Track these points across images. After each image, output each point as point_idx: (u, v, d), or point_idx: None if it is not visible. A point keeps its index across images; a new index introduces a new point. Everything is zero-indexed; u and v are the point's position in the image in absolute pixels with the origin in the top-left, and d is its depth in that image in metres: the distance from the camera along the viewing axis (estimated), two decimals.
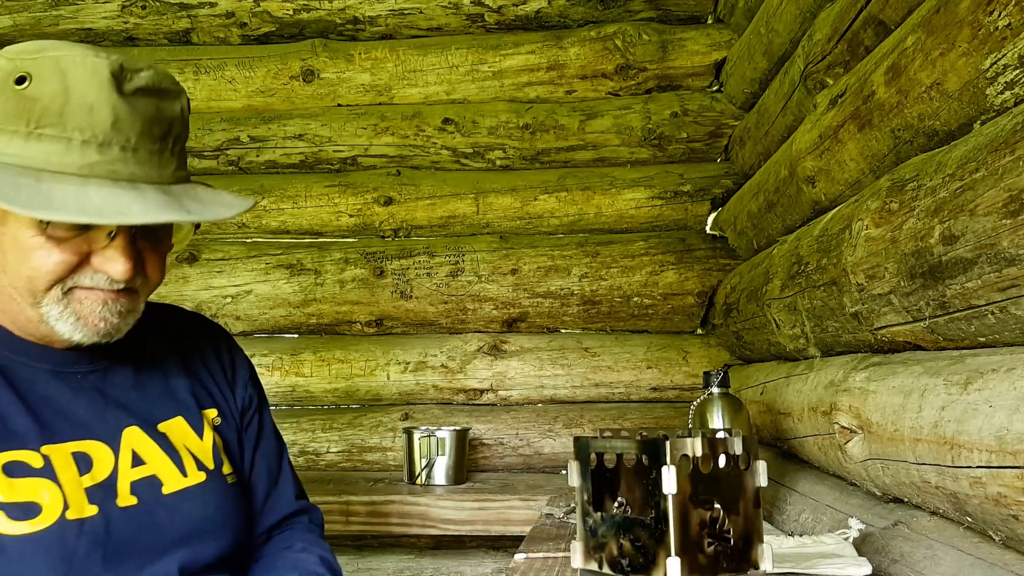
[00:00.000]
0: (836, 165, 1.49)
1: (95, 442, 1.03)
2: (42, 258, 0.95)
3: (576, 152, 2.67)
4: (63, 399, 1.03)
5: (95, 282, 0.98)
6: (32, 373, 1.03)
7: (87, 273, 0.98)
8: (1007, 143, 0.91)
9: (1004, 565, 0.95)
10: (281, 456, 1.32)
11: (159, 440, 1.09)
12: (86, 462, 1.01)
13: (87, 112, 0.92)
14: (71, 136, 0.92)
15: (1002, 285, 0.93)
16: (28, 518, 0.94)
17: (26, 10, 2.68)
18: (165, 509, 1.05)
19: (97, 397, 1.06)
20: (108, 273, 0.97)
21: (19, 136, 0.92)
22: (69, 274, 0.97)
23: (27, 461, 0.97)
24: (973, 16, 0.99)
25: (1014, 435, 0.87)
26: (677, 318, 2.60)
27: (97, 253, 0.97)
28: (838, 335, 1.48)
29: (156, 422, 1.10)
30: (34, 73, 0.92)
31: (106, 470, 1.02)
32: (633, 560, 0.92)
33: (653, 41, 2.62)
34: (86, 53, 0.94)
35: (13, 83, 0.92)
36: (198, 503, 1.09)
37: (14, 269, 0.97)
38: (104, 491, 1.01)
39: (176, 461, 1.09)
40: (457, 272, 2.62)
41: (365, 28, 2.72)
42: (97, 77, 0.93)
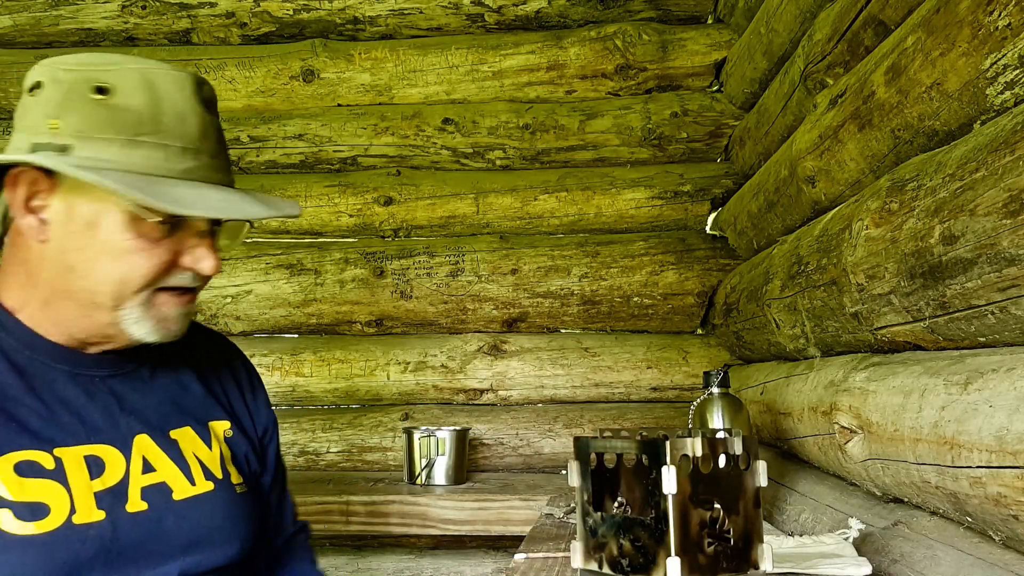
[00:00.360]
0: (836, 165, 1.49)
1: (107, 447, 1.04)
2: (140, 260, 0.99)
3: (576, 152, 2.67)
4: (79, 402, 1.04)
5: (180, 281, 1.03)
6: (51, 373, 1.04)
7: (175, 273, 1.02)
8: (1007, 143, 0.91)
9: (1004, 565, 0.95)
10: (286, 478, 1.36)
11: (169, 448, 1.10)
12: (98, 466, 1.02)
13: (180, 122, 0.99)
14: (168, 143, 0.98)
15: (1002, 285, 0.93)
16: (35, 519, 0.95)
17: (26, 10, 2.68)
18: (174, 515, 1.06)
19: (112, 402, 1.07)
20: (199, 270, 1.03)
21: (116, 144, 0.95)
22: (160, 276, 1.01)
23: (39, 461, 0.97)
24: (973, 16, 0.99)
25: (1014, 435, 0.87)
26: (677, 318, 2.60)
27: (187, 252, 1.02)
28: (838, 335, 1.48)
29: (167, 430, 1.11)
30: (116, 84, 0.97)
31: (117, 475, 1.03)
32: (633, 560, 0.92)
33: (653, 41, 2.62)
34: (162, 65, 1.01)
35: (92, 92, 0.96)
36: (207, 510, 1.10)
37: (103, 273, 0.99)
38: (114, 496, 1.01)
39: (184, 469, 1.10)
40: (457, 272, 2.62)
41: (365, 28, 2.72)
42: (184, 89, 1.01)
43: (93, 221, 0.98)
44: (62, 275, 1.00)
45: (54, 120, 0.96)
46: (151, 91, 0.98)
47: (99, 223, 0.98)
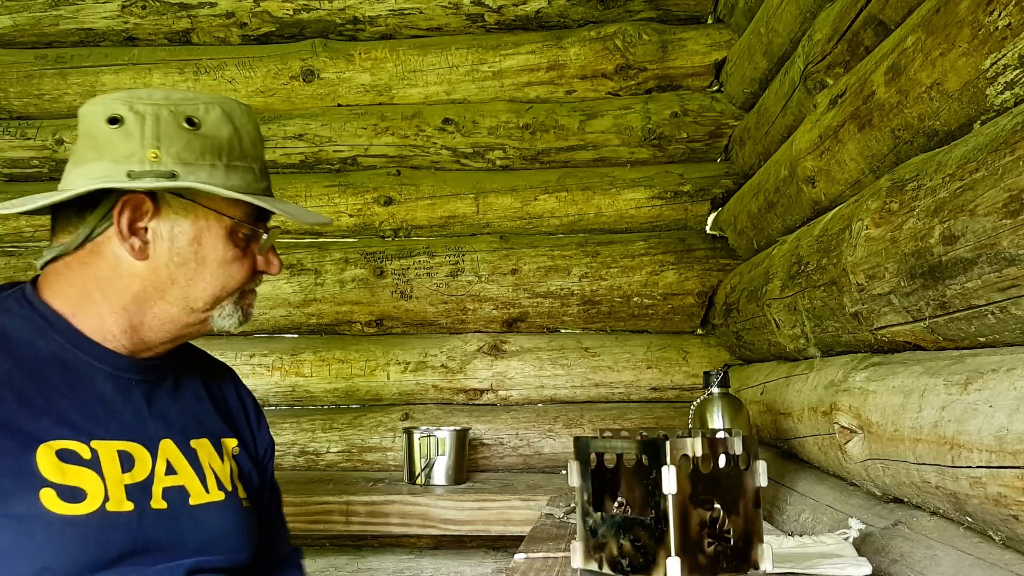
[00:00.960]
0: (836, 165, 1.49)
1: (137, 445, 1.12)
2: (239, 267, 1.18)
3: (576, 152, 2.67)
4: (115, 401, 1.13)
5: (256, 282, 1.22)
6: (92, 371, 1.13)
7: (254, 277, 1.21)
8: (1007, 143, 0.91)
9: (1004, 565, 0.95)
10: (280, 502, 1.44)
11: (190, 455, 1.19)
12: (129, 461, 1.10)
13: (253, 147, 1.19)
14: (252, 166, 1.17)
15: (1002, 285, 0.93)
16: (75, 502, 1.03)
17: (26, 10, 2.68)
18: (190, 518, 1.14)
19: (143, 405, 1.17)
20: (270, 272, 1.22)
21: (218, 169, 1.12)
22: (248, 280, 1.20)
23: (78, 451, 1.06)
24: (973, 16, 0.99)
25: (1014, 435, 0.87)
26: (677, 318, 2.60)
27: (260, 257, 1.21)
28: (838, 335, 1.48)
29: (189, 438, 1.20)
30: (202, 117, 1.13)
31: (144, 472, 1.12)
32: (633, 560, 0.92)
33: (653, 41, 2.62)
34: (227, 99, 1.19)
35: (184, 124, 1.12)
36: (218, 518, 1.18)
37: (205, 282, 1.16)
38: (141, 491, 1.10)
39: (201, 477, 1.19)
40: (457, 272, 2.62)
41: (365, 28, 2.72)
42: (252, 119, 1.20)
43: (197, 237, 1.14)
44: (159, 287, 1.14)
45: (153, 150, 1.09)
46: (231, 121, 1.15)
47: (202, 239, 1.14)
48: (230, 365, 1.43)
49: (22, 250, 2.68)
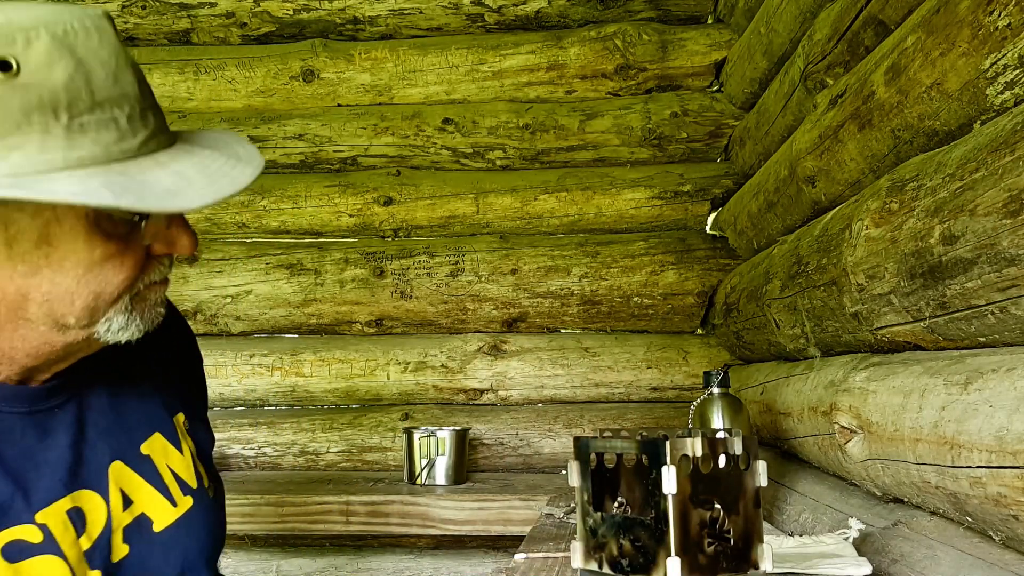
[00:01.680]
0: (836, 165, 1.49)
1: (85, 491, 0.91)
2: (117, 265, 0.83)
3: (576, 152, 2.67)
4: (42, 447, 0.90)
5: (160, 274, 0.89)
6: (7, 422, 0.88)
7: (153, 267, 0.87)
8: (1007, 143, 0.91)
9: (1004, 565, 0.95)
10: None
11: (143, 468, 0.97)
12: (81, 519, 0.89)
13: (113, 83, 0.77)
14: (115, 117, 0.77)
15: (1002, 285, 0.93)
16: None
17: None
18: (160, 549, 0.95)
19: (75, 432, 0.93)
20: (177, 252, 0.88)
21: (54, 135, 0.73)
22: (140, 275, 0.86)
23: (25, 537, 0.84)
24: (973, 16, 0.99)
25: (1014, 435, 0.87)
26: (677, 318, 2.60)
27: (158, 238, 0.86)
28: (838, 335, 1.48)
29: (138, 444, 0.98)
30: (19, 55, 0.72)
31: (99, 523, 0.91)
32: (633, 560, 0.91)
33: (653, 41, 2.62)
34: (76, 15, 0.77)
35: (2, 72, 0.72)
36: (192, 535, 0.99)
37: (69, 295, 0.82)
38: (100, 551, 0.90)
39: (163, 491, 0.98)
40: (457, 272, 2.62)
41: (365, 28, 2.72)
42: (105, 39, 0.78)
43: (43, 236, 0.79)
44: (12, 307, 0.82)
45: None
46: (70, 52, 0.74)
47: (52, 238, 0.79)
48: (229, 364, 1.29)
49: None
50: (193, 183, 0.79)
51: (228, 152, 0.86)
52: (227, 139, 0.90)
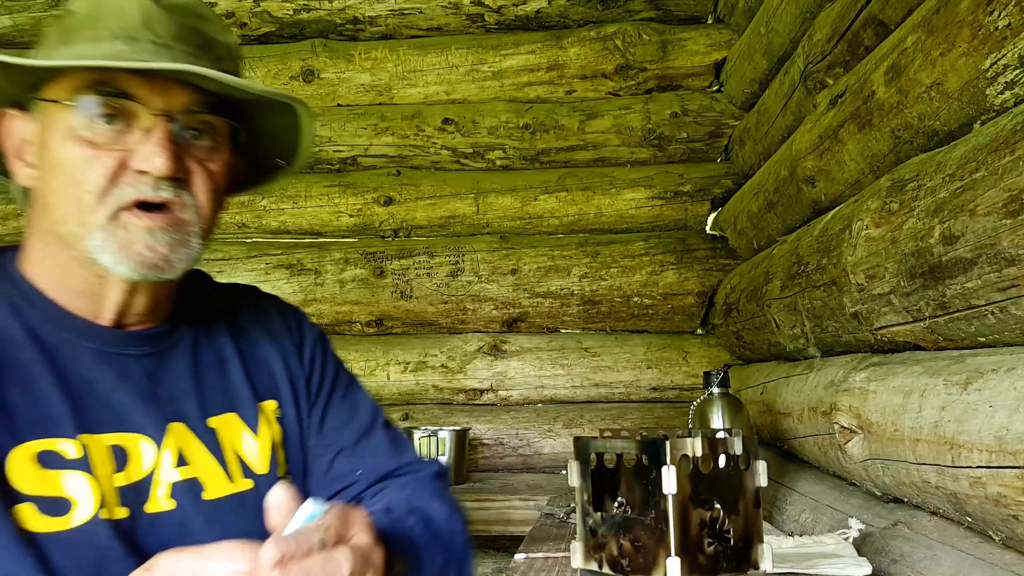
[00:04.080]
0: (836, 165, 1.49)
1: (136, 435, 0.94)
2: (84, 167, 0.89)
3: (576, 152, 2.67)
4: (107, 385, 0.94)
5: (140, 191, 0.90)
6: (78, 353, 0.94)
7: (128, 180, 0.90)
8: (1007, 143, 0.91)
9: (1004, 565, 0.95)
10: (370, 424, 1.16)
11: (207, 438, 1.00)
12: (123, 457, 0.92)
13: (117, 15, 0.91)
14: (100, 35, 0.90)
15: (1002, 285, 0.93)
16: (60, 514, 0.86)
17: (26, 10, 2.68)
18: (203, 517, 0.95)
19: (145, 386, 0.97)
20: (148, 169, 0.89)
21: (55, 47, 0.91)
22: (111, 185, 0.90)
23: (62, 451, 0.89)
24: (973, 16, 0.99)
25: (1014, 435, 0.87)
26: (677, 318, 2.60)
27: (136, 154, 0.90)
28: (838, 335, 1.48)
29: (206, 417, 1.01)
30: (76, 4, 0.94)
31: (142, 469, 0.94)
32: (633, 560, 0.91)
33: (653, 41, 2.62)
34: None
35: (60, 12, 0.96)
36: (240, 514, 0.98)
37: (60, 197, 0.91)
38: (137, 492, 0.92)
39: (222, 463, 0.99)
40: (457, 272, 2.62)
41: (365, 28, 2.72)
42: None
43: (45, 143, 0.92)
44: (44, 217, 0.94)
45: None
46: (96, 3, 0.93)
47: (48, 144, 0.91)
48: None
49: None
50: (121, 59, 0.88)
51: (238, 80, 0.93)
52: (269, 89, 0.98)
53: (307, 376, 1.13)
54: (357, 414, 1.15)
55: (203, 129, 0.95)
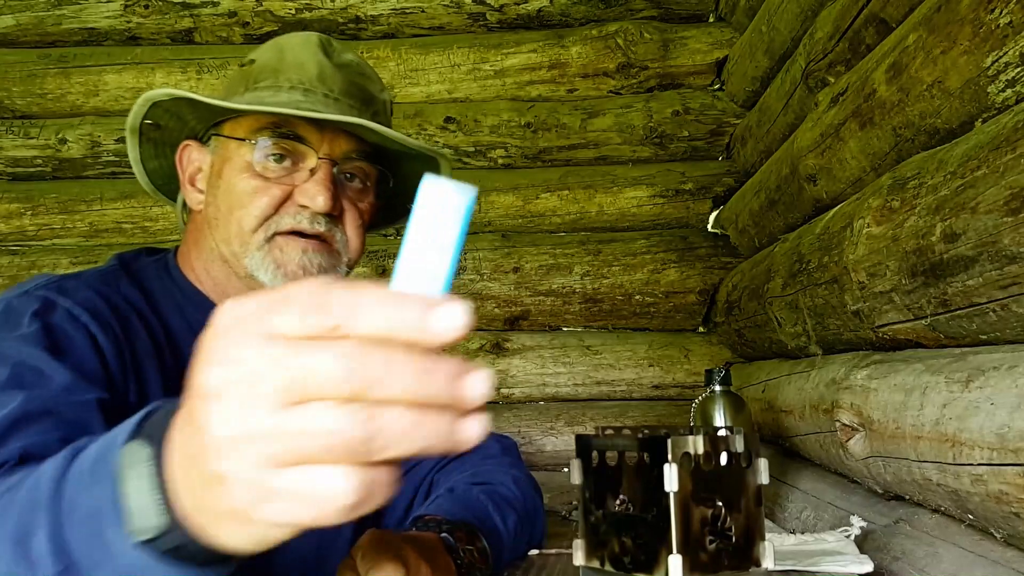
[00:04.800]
0: (837, 163, 1.49)
1: None
2: (253, 198, 1.02)
3: (578, 151, 2.67)
4: None
5: (297, 222, 1.02)
6: None
7: (290, 211, 1.03)
8: (1008, 141, 0.91)
9: (1006, 563, 0.95)
10: None
11: None
12: None
13: (295, 67, 1.04)
14: (281, 84, 1.04)
15: (1003, 283, 0.93)
16: None
17: (28, 9, 2.68)
18: None
19: None
20: (310, 205, 1.02)
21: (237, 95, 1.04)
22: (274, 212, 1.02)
23: None
24: (974, 14, 1.00)
25: (1015, 433, 0.87)
26: (679, 316, 2.60)
27: (299, 190, 1.03)
28: (839, 333, 1.48)
29: None
30: (258, 55, 1.08)
31: None
32: (635, 557, 0.92)
33: (655, 40, 2.62)
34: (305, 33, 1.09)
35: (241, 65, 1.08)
36: None
37: (227, 218, 1.03)
38: None
39: None
40: (459, 270, 2.62)
41: (367, 27, 2.72)
42: (308, 44, 1.07)
43: (219, 171, 1.05)
44: (211, 233, 1.05)
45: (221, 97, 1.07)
46: (278, 49, 1.07)
47: (223, 172, 1.04)
48: None
49: (26, 249, 2.69)
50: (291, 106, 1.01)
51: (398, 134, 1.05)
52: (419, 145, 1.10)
53: None
54: None
55: (357, 174, 1.09)
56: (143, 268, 1.08)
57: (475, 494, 1.09)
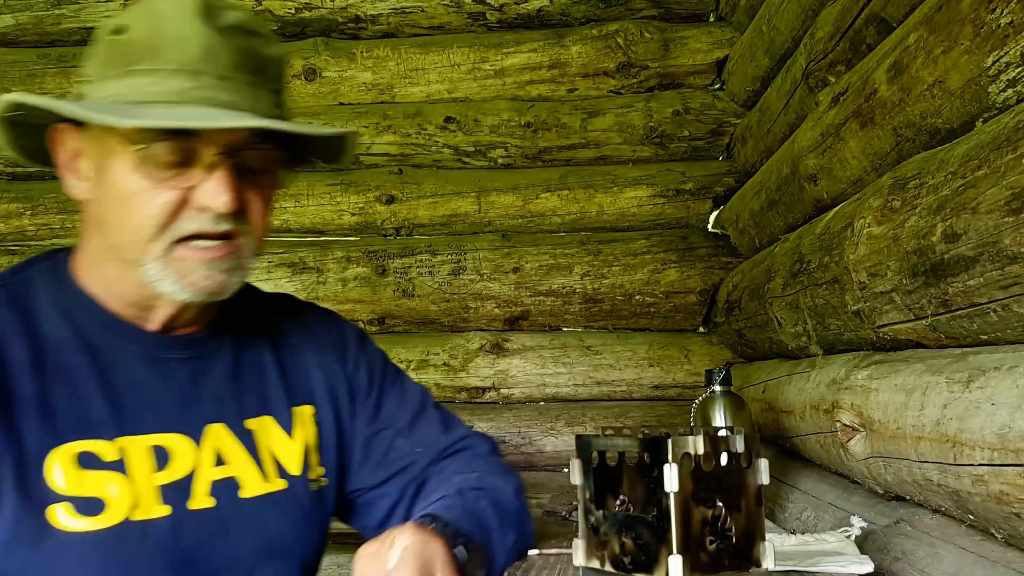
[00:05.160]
0: (838, 163, 1.49)
1: (177, 435, 0.98)
2: (145, 201, 0.91)
3: (578, 150, 2.66)
4: (150, 387, 0.99)
5: (200, 225, 0.93)
6: (124, 356, 0.98)
7: (190, 215, 0.92)
8: (1009, 141, 0.91)
9: (1006, 563, 0.95)
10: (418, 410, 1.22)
11: (244, 439, 1.04)
12: (164, 457, 0.97)
13: (177, 44, 0.90)
14: (162, 67, 0.90)
15: (1004, 283, 0.92)
16: (92, 514, 0.90)
17: (28, 9, 2.68)
18: (240, 516, 1.00)
19: (188, 388, 1.02)
20: (210, 206, 0.92)
21: (119, 78, 0.90)
22: (172, 219, 0.92)
23: (100, 452, 0.93)
24: (975, 14, 0.99)
25: (1016, 433, 0.87)
26: (679, 316, 2.60)
27: (198, 188, 0.92)
28: (840, 333, 1.48)
29: (244, 418, 1.05)
30: (129, 21, 0.92)
31: (185, 467, 0.98)
32: (635, 558, 0.92)
33: (655, 39, 2.62)
34: None
35: (110, 34, 0.93)
36: (275, 515, 1.03)
37: (117, 223, 0.93)
38: (179, 490, 0.96)
39: (258, 463, 1.04)
40: (459, 270, 2.62)
41: (367, 27, 2.72)
42: (186, 12, 0.91)
43: (104, 167, 0.93)
44: (99, 233, 0.97)
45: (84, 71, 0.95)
46: (152, 19, 0.92)
47: (109, 169, 0.92)
48: None
49: (25, 249, 2.68)
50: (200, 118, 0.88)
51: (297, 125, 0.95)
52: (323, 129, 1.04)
53: (351, 378, 1.17)
54: (407, 397, 1.22)
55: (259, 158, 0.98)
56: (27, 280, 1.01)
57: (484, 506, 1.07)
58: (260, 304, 1.16)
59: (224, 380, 1.05)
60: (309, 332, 1.18)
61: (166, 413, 0.99)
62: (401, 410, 1.21)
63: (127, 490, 0.92)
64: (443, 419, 1.25)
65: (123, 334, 0.99)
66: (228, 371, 1.06)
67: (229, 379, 1.06)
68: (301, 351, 1.15)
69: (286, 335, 1.15)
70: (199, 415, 1.01)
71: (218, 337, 1.06)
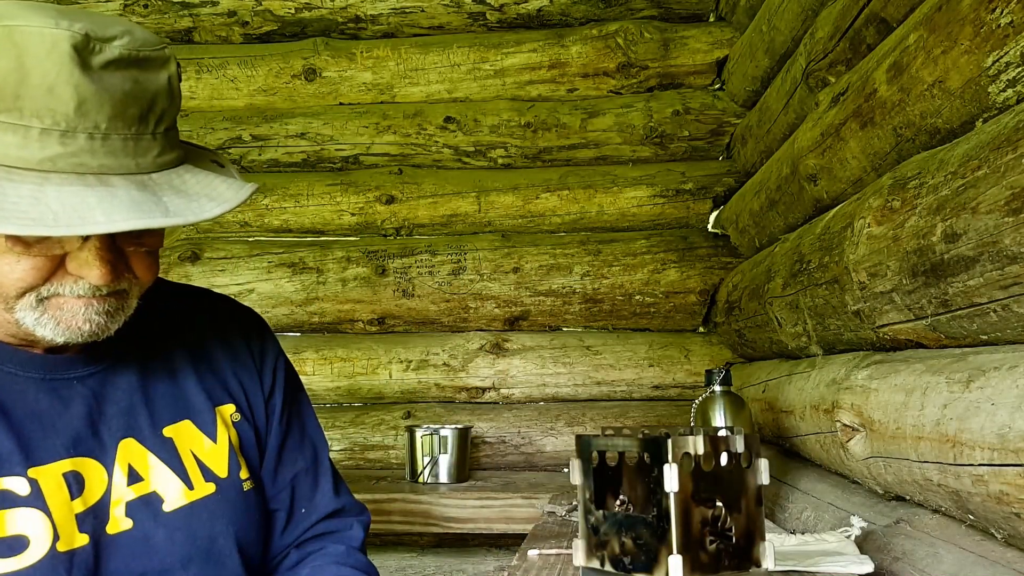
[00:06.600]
0: (838, 163, 1.49)
1: (87, 459, 0.93)
2: (9, 265, 0.82)
3: (578, 150, 2.66)
4: (54, 412, 0.93)
5: (75, 290, 0.85)
6: (20, 384, 0.92)
7: (65, 281, 0.85)
8: (1009, 141, 0.91)
9: (1006, 563, 0.95)
10: (316, 455, 1.20)
11: (162, 449, 0.98)
12: (78, 483, 0.91)
13: (46, 94, 0.77)
14: (29, 124, 0.78)
15: (1004, 283, 0.92)
16: (15, 554, 0.85)
17: None
18: (165, 531, 0.95)
19: (93, 406, 0.95)
20: (86, 279, 0.84)
21: None
22: (43, 282, 0.84)
23: (12, 489, 0.88)
24: (975, 14, 0.99)
25: (1016, 433, 0.87)
26: (679, 316, 2.60)
27: (72, 257, 0.84)
28: (840, 333, 1.48)
29: (161, 427, 1.00)
30: None
31: (98, 491, 0.93)
32: (635, 558, 0.92)
33: (655, 39, 2.62)
34: (46, 22, 0.78)
35: None
36: (206, 521, 0.98)
37: None
38: (95, 517, 0.91)
39: (180, 473, 0.99)
40: (459, 270, 2.62)
41: (367, 27, 2.72)
42: (57, 52, 0.77)
43: None
44: None
45: None
46: (17, 56, 0.77)
47: None
48: None
49: None
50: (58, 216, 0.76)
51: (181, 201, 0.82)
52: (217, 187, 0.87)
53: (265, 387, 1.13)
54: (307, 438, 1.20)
55: None
56: None
57: None
58: (171, 302, 1.08)
59: (132, 391, 0.98)
60: (227, 331, 1.12)
61: (74, 437, 0.92)
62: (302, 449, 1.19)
63: (47, 524, 0.88)
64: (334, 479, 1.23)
65: (15, 362, 0.92)
66: (135, 381, 0.99)
67: (137, 389, 0.99)
68: (218, 350, 1.09)
69: (202, 334, 1.09)
70: (108, 433, 0.95)
71: (120, 345, 0.97)
